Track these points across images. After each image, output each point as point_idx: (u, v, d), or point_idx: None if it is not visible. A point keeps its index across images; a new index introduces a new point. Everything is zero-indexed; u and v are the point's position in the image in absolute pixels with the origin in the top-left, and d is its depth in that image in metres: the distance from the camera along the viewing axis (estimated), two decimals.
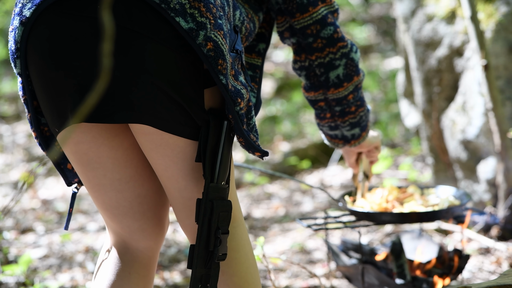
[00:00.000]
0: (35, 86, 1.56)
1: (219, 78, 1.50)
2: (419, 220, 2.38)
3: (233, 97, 1.52)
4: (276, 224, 3.72)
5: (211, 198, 1.53)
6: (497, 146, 2.87)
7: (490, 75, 2.84)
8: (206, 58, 1.48)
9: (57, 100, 1.53)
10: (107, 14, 0.79)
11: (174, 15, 1.47)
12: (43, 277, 3.12)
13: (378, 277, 2.37)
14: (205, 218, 1.53)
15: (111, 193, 1.66)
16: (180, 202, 1.61)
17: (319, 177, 4.51)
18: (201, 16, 1.48)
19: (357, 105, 2.01)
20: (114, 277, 1.70)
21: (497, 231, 2.96)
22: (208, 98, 1.54)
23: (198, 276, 1.54)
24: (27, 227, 3.93)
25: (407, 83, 3.77)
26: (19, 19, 1.52)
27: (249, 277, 1.65)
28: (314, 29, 1.87)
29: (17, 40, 1.53)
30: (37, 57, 1.52)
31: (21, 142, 6.38)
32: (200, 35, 1.48)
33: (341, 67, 1.92)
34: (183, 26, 1.47)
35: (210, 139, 1.53)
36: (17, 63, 1.56)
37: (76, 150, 1.61)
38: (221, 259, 1.55)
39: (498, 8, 3.05)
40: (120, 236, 1.72)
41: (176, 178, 1.58)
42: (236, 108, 1.52)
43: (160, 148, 1.55)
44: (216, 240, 1.54)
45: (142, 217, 1.70)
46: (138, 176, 1.66)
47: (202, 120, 1.53)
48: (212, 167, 1.53)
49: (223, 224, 1.55)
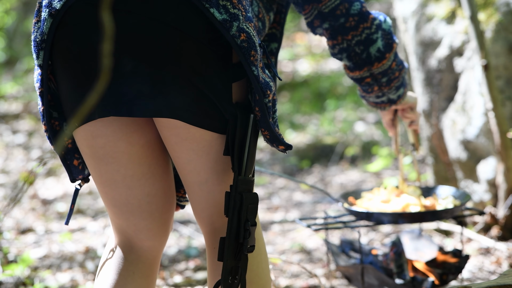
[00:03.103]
0: (59, 76, 1.57)
1: (251, 69, 1.52)
2: (419, 220, 2.38)
3: (263, 88, 1.54)
4: (276, 224, 3.72)
5: (240, 191, 1.55)
6: (497, 146, 2.87)
7: (490, 75, 2.84)
8: (240, 49, 1.50)
9: (83, 90, 1.54)
10: (107, 14, 0.79)
11: (209, 6, 1.49)
12: (43, 277, 3.12)
13: (378, 277, 2.37)
14: (234, 210, 1.55)
15: (121, 189, 1.66)
16: (199, 195, 1.63)
17: (319, 177, 4.51)
18: (234, 8, 1.51)
19: (399, 69, 2.02)
20: (118, 276, 1.70)
21: (497, 231, 2.96)
22: (235, 91, 1.56)
23: (229, 267, 1.56)
24: (27, 227, 3.93)
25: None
26: (48, 10, 1.53)
27: (260, 271, 1.67)
28: (343, 8, 1.86)
29: (44, 31, 1.54)
30: (67, 47, 1.53)
31: (21, 142, 6.39)
32: (234, 26, 1.50)
33: (379, 39, 1.92)
34: (217, 17, 1.49)
35: (238, 132, 1.55)
36: (40, 54, 1.56)
37: (92, 144, 1.62)
38: (250, 250, 1.57)
39: (498, 8, 3.05)
40: (125, 235, 1.72)
41: (198, 171, 1.60)
42: (265, 100, 1.55)
43: (186, 142, 1.57)
44: (245, 232, 1.55)
45: (149, 217, 1.70)
46: (150, 174, 1.67)
47: (230, 114, 1.55)
48: (239, 160, 1.55)
49: (252, 216, 1.57)
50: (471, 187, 3.16)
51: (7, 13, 9.56)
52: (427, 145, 3.40)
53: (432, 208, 2.44)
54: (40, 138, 6.46)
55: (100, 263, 1.75)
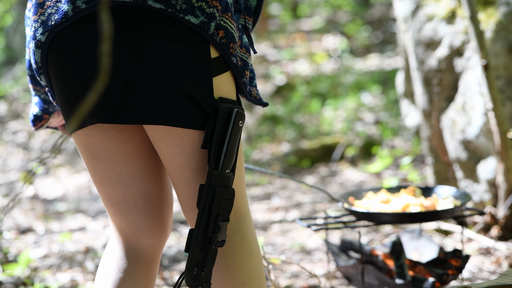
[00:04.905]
0: (56, 95, 1.65)
1: (230, 60, 1.57)
2: (419, 220, 2.38)
3: (242, 72, 1.60)
4: (276, 224, 3.72)
5: (214, 185, 1.55)
6: (497, 146, 2.87)
7: (490, 75, 2.84)
8: (219, 45, 1.55)
9: (74, 108, 1.61)
10: (105, 14, 0.79)
11: (183, 15, 1.52)
12: (43, 277, 3.12)
13: (378, 277, 2.37)
14: (206, 204, 1.55)
15: (117, 187, 1.68)
16: (186, 194, 1.63)
17: (319, 177, 4.51)
18: (209, 7, 1.53)
19: None
20: (117, 275, 1.71)
21: (497, 231, 2.96)
22: (217, 86, 1.57)
23: (195, 260, 1.56)
24: (27, 227, 3.93)
25: (407, 83, 3.77)
26: (34, 42, 1.60)
27: (253, 273, 1.66)
28: None
29: (37, 61, 1.62)
30: (55, 74, 1.61)
31: (21, 142, 6.39)
32: (211, 26, 1.54)
33: None
34: (194, 22, 1.52)
35: (218, 126, 1.56)
36: (41, 78, 1.65)
37: (86, 142, 1.65)
38: (219, 245, 1.57)
39: (498, 8, 3.05)
40: (124, 233, 1.73)
41: (184, 168, 1.60)
42: (243, 79, 1.61)
43: (169, 137, 1.58)
44: (215, 226, 1.56)
45: (147, 214, 1.71)
46: (145, 172, 1.69)
47: (211, 109, 1.56)
48: (217, 155, 1.56)
49: (224, 212, 1.57)
50: (471, 187, 3.16)
51: (7, 13, 9.56)
52: (427, 145, 3.40)
53: (432, 208, 2.44)
54: (40, 138, 6.46)
55: (100, 263, 1.76)
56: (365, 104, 6.05)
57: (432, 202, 2.47)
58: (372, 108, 5.93)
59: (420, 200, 2.49)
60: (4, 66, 9.70)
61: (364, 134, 5.15)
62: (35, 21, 1.60)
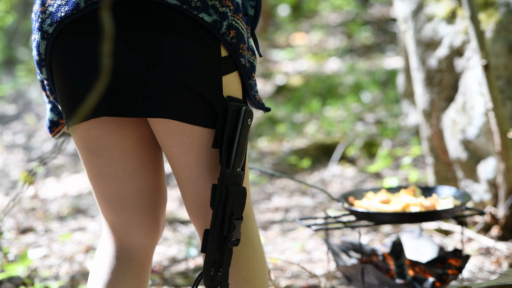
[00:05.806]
0: (57, 89, 1.63)
1: (239, 60, 1.58)
2: (419, 220, 2.38)
3: (249, 73, 1.61)
4: (276, 224, 3.72)
5: (226, 184, 1.55)
6: (497, 146, 2.87)
7: (490, 75, 2.84)
8: (230, 45, 1.56)
9: (78, 102, 1.60)
10: (106, 13, 0.79)
11: (197, 12, 1.53)
12: (43, 277, 3.12)
13: (378, 277, 2.37)
14: (220, 203, 1.56)
15: (113, 183, 1.67)
16: (192, 192, 1.63)
17: (319, 177, 4.51)
18: (222, 6, 1.55)
19: None
20: (109, 276, 1.70)
21: (497, 231, 2.96)
22: (226, 84, 1.58)
23: (212, 260, 1.56)
24: (27, 227, 3.93)
25: (407, 83, 3.77)
26: (40, 34, 1.58)
27: (257, 272, 1.66)
28: None
29: (41, 52, 1.60)
30: (59, 67, 1.59)
31: (21, 142, 6.39)
32: (224, 25, 1.55)
33: None
34: (207, 20, 1.54)
35: (228, 125, 1.56)
36: (42, 71, 1.63)
37: (85, 136, 1.64)
38: (234, 244, 1.58)
39: (498, 8, 3.05)
40: (117, 233, 1.73)
41: (190, 166, 1.60)
42: (250, 81, 1.62)
43: (176, 135, 1.58)
44: (230, 225, 1.56)
45: (141, 212, 1.71)
46: (142, 169, 1.68)
47: (220, 107, 1.57)
48: (228, 154, 1.56)
49: (237, 210, 1.57)
50: (471, 187, 3.16)
51: (7, 13, 9.56)
52: (427, 145, 3.40)
53: (432, 208, 2.44)
54: (40, 138, 6.46)
55: (92, 264, 1.76)
56: (365, 104, 6.05)
57: (432, 202, 2.47)
58: (372, 108, 5.93)
59: (420, 200, 2.49)
60: (4, 66, 9.70)
61: (364, 134, 5.15)
62: (42, 12, 1.58)
